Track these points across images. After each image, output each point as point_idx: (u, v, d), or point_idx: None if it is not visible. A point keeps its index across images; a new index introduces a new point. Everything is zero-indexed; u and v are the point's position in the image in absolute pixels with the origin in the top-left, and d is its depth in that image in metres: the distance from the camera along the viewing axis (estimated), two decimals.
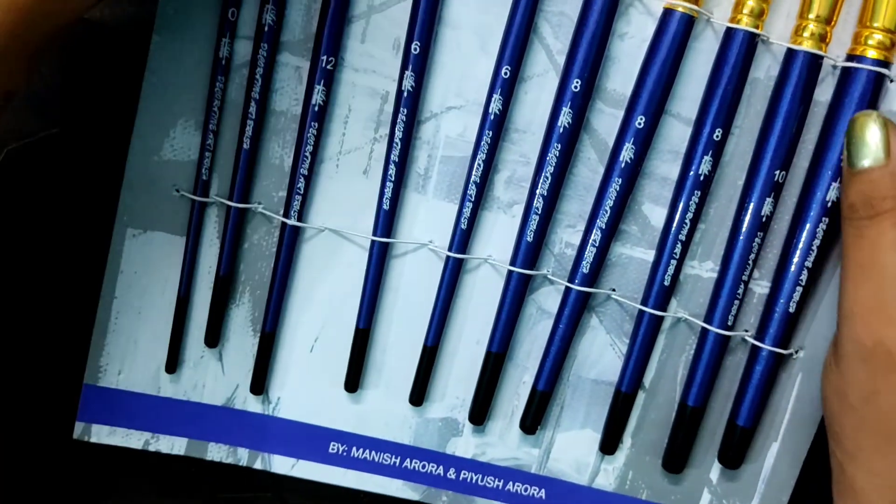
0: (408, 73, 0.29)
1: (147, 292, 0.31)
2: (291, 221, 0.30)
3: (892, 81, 0.29)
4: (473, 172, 0.30)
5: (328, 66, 0.29)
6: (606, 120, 0.30)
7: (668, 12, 0.28)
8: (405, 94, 0.29)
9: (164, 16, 0.29)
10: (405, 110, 0.29)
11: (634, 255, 0.31)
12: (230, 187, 0.30)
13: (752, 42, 0.28)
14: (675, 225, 0.30)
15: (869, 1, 0.28)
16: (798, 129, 0.29)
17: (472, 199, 0.30)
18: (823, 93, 0.29)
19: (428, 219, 0.31)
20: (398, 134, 0.29)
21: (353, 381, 0.32)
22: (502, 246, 0.31)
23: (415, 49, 0.29)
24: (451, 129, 0.30)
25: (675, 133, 0.30)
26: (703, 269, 0.31)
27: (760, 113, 0.29)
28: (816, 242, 0.29)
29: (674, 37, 0.28)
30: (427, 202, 0.31)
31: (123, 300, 0.31)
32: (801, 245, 0.29)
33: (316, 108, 0.29)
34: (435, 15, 0.29)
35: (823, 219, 0.29)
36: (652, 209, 0.30)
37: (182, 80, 0.29)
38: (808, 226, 0.29)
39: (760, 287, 0.30)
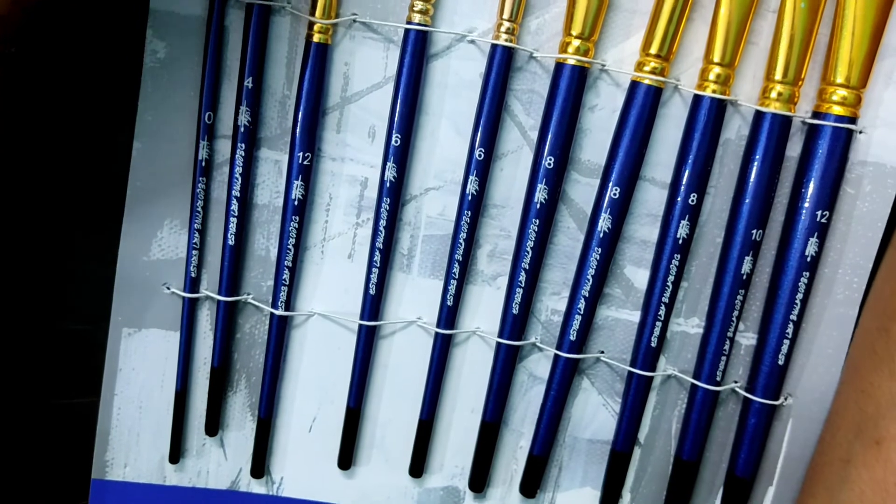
0: (389, 164, 0.29)
1: (146, 388, 0.32)
2: (279, 311, 0.31)
3: (860, 133, 0.29)
4: (456, 250, 0.30)
5: (305, 162, 0.29)
6: (583, 190, 0.30)
7: (635, 85, 0.29)
8: (387, 184, 0.30)
9: (144, 122, 0.30)
10: (388, 199, 0.30)
11: (620, 317, 0.31)
12: (219, 281, 0.31)
13: (720, 107, 0.29)
14: (657, 288, 0.30)
15: (831, 58, 0.28)
16: (771, 187, 0.29)
17: (457, 276, 0.30)
18: (795, 147, 0.29)
19: (414, 296, 0.31)
20: (382, 222, 0.30)
21: (346, 459, 0.32)
22: (489, 317, 0.31)
23: (395, 141, 0.29)
24: (432, 209, 0.31)
25: (652, 197, 0.30)
26: (689, 326, 0.31)
27: (734, 172, 0.30)
28: (799, 296, 0.29)
29: (642, 109, 0.29)
30: (412, 280, 0.31)
31: (124, 397, 0.32)
32: (784, 300, 0.29)
33: (295, 202, 0.30)
34: (414, 107, 0.29)
35: (804, 273, 0.29)
36: (634, 272, 0.31)
37: (165, 182, 0.30)
38: (789, 282, 0.29)
39: (746, 339, 0.31)
